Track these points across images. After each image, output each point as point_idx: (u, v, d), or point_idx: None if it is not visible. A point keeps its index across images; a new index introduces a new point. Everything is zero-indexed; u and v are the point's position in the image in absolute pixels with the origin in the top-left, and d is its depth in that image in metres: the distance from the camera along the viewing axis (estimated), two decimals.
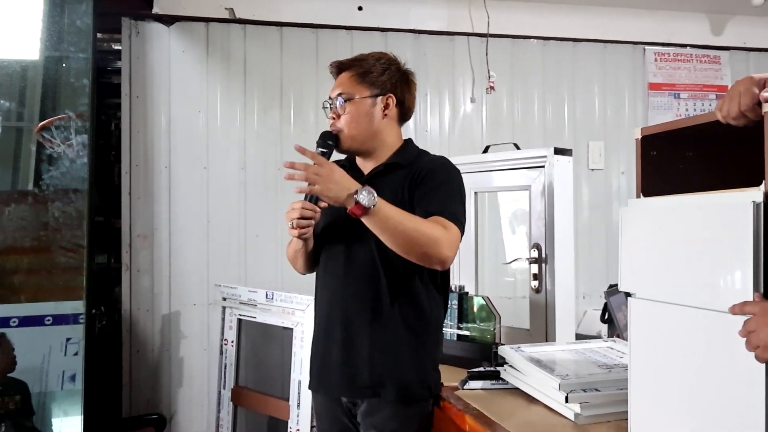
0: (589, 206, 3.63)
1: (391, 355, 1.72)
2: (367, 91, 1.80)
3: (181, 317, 3.21)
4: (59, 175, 2.97)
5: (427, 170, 1.78)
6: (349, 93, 1.79)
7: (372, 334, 1.73)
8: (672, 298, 1.26)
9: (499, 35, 3.52)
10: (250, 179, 3.29)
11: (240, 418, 2.91)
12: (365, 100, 1.79)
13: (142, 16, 3.21)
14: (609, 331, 2.34)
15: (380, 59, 1.84)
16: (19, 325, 2.88)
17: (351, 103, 1.78)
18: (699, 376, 1.19)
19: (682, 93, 3.74)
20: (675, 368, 1.25)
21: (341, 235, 1.79)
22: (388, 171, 1.81)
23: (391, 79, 1.83)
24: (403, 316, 1.74)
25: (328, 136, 1.79)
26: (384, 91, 1.81)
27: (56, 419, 2.94)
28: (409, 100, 1.88)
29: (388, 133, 1.84)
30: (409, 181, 1.76)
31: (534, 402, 1.67)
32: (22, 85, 3.16)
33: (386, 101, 1.82)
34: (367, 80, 1.80)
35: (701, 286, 1.19)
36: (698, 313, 1.19)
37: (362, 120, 1.79)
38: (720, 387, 1.14)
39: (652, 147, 1.40)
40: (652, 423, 1.32)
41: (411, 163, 1.81)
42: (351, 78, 1.81)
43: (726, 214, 1.13)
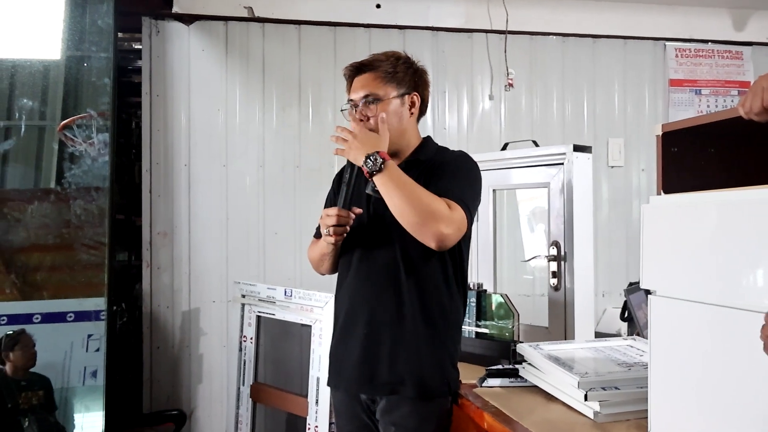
0: (609, 204, 3.61)
1: (410, 352, 1.73)
2: (395, 91, 1.78)
3: (201, 314, 3.24)
4: (81, 173, 3.01)
5: (445, 161, 1.79)
6: (376, 93, 1.77)
7: (392, 332, 1.74)
8: (694, 296, 1.24)
9: (517, 32, 3.50)
10: (269, 177, 3.31)
11: (259, 414, 2.93)
12: (394, 100, 1.79)
13: (162, 16, 3.23)
14: (629, 329, 2.32)
15: (399, 59, 1.83)
16: (41, 322, 2.92)
17: (381, 103, 1.77)
18: (720, 375, 1.18)
19: (704, 89, 3.70)
20: (696, 367, 1.24)
21: (363, 235, 1.79)
22: (409, 168, 1.80)
23: (413, 78, 1.83)
24: (422, 314, 1.74)
25: None
26: (409, 90, 1.81)
27: (78, 414, 2.98)
28: (426, 96, 1.88)
29: (412, 132, 1.85)
30: (429, 176, 1.76)
31: (553, 400, 1.66)
32: (44, 84, 3.21)
33: (412, 99, 1.82)
34: (393, 81, 1.78)
35: (724, 284, 1.17)
36: (721, 311, 1.17)
37: (393, 119, 1.78)
38: (741, 386, 1.13)
39: (673, 144, 1.39)
40: (672, 422, 1.31)
41: (430, 159, 1.81)
42: (376, 78, 1.78)
43: (750, 211, 1.12)
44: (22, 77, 3.15)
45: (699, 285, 1.24)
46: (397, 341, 1.73)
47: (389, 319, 1.74)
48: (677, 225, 1.30)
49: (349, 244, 1.82)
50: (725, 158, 1.39)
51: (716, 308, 1.19)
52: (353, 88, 1.81)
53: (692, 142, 1.39)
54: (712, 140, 1.39)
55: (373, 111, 1.77)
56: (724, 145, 1.38)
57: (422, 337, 1.73)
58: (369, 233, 1.78)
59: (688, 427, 1.26)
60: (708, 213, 1.22)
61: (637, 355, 1.78)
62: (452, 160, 1.80)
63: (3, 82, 3.15)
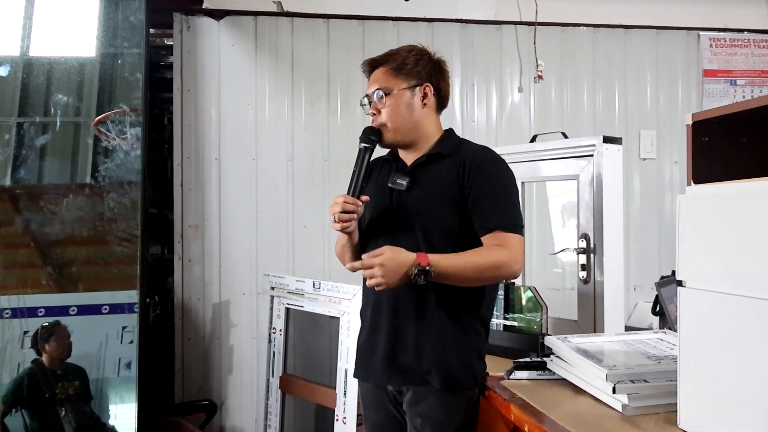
0: (640, 197, 3.55)
1: (438, 344, 1.73)
2: (404, 83, 1.80)
3: (231, 306, 3.28)
4: (114, 168, 3.06)
5: (473, 163, 1.77)
6: (386, 87, 1.79)
7: (419, 324, 1.74)
8: (726, 288, 1.22)
9: (547, 23, 3.47)
10: (298, 171, 3.33)
11: (288, 405, 2.96)
12: (404, 92, 1.80)
13: (192, 11, 3.27)
14: (660, 323, 2.30)
15: (411, 51, 1.84)
16: (77, 314, 2.99)
17: (390, 96, 1.79)
18: (752, 368, 1.16)
19: (739, 80, 3.62)
20: (727, 360, 1.22)
21: (387, 227, 1.81)
22: (431, 161, 1.81)
23: (426, 69, 1.82)
24: (449, 306, 1.74)
25: (370, 132, 1.81)
26: (421, 81, 1.81)
27: (112, 404, 3.04)
28: (444, 88, 1.88)
29: (429, 123, 1.85)
30: (456, 171, 1.76)
31: (581, 393, 1.65)
32: (79, 80, 3.27)
33: (424, 91, 1.82)
34: (402, 72, 1.80)
35: (757, 276, 1.15)
36: (753, 303, 1.16)
37: (403, 111, 1.79)
38: None
39: (704, 133, 1.36)
40: (701, 415, 1.29)
41: (454, 153, 1.81)
42: (386, 72, 1.81)
43: None
44: (58, 74, 3.22)
45: (731, 276, 1.22)
46: (423, 333, 1.74)
47: (414, 311, 1.74)
48: (713, 216, 1.28)
49: (372, 236, 1.83)
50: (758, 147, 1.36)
51: (749, 300, 1.17)
52: (369, 83, 1.85)
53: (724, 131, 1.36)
54: (744, 129, 1.36)
55: (383, 104, 1.79)
56: (757, 133, 1.35)
57: (447, 329, 1.74)
58: (393, 225, 1.79)
59: (718, 420, 1.25)
60: (743, 203, 1.20)
61: (667, 348, 1.76)
62: (482, 165, 1.77)
63: (40, 78, 3.22)
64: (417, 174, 1.81)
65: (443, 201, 1.76)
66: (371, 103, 1.82)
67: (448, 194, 1.75)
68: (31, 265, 3.05)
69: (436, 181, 1.78)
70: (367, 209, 1.79)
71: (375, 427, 1.89)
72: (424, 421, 1.73)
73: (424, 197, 1.77)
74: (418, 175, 1.81)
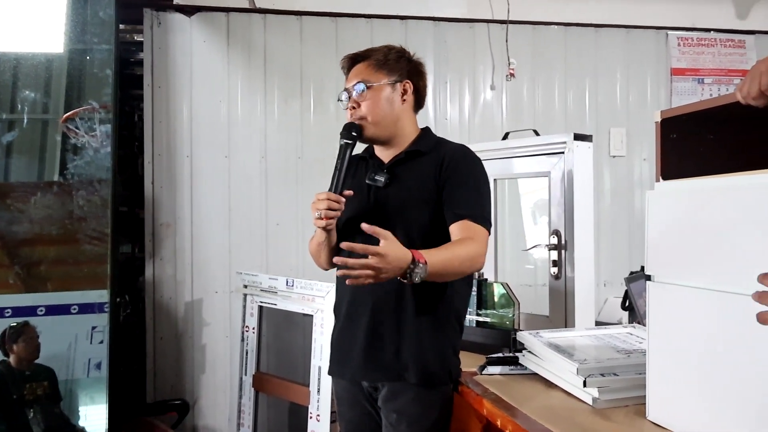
0: (611, 193, 3.60)
1: (416, 339, 1.74)
2: (386, 78, 1.82)
3: (204, 304, 3.25)
4: (84, 165, 3.01)
5: (452, 159, 1.79)
6: (368, 80, 1.80)
7: (396, 320, 1.75)
8: (693, 282, 1.25)
9: (519, 21, 3.50)
10: (271, 168, 3.31)
11: (261, 403, 2.94)
12: (385, 86, 1.81)
13: (163, 7, 3.23)
14: (630, 318, 2.33)
15: (392, 49, 1.87)
16: (46, 314, 2.94)
17: (371, 89, 1.80)
18: (719, 360, 1.18)
19: (707, 78, 3.69)
20: (694, 352, 1.25)
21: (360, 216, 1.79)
22: (409, 158, 1.82)
23: (406, 66, 1.86)
24: (427, 302, 1.75)
25: (351, 127, 1.80)
26: (401, 78, 1.83)
27: (83, 406, 2.99)
28: (422, 88, 1.91)
29: (407, 120, 1.87)
30: (435, 168, 1.78)
31: (552, 387, 1.67)
32: (47, 77, 3.21)
33: (404, 87, 1.84)
34: (385, 67, 1.82)
35: (723, 270, 1.18)
36: (720, 296, 1.18)
37: (384, 105, 1.81)
38: (739, 371, 1.14)
39: (673, 130, 1.39)
40: (670, 407, 1.32)
41: (432, 150, 1.83)
42: (368, 66, 1.83)
43: (754, 196, 1.12)
44: (25, 70, 3.15)
45: (698, 271, 1.24)
46: (400, 329, 1.74)
47: (392, 307, 1.75)
48: (681, 211, 1.30)
49: (349, 233, 1.82)
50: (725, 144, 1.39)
51: (715, 293, 1.19)
52: (348, 78, 1.86)
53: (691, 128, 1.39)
54: (712, 126, 1.39)
55: (364, 97, 1.80)
56: (724, 130, 1.38)
57: (424, 325, 1.75)
58: (370, 222, 1.78)
59: (686, 411, 1.27)
60: (709, 198, 1.22)
61: (636, 342, 1.79)
62: (460, 161, 1.80)
63: (6, 75, 3.15)
64: (395, 171, 1.82)
65: (422, 197, 1.77)
66: (350, 97, 1.82)
67: (426, 191, 1.76)
68: None
69: (415, 177, 1.79)
70: (345, 206, 1.78)
71: (350, 423, 1.89)
72: (400, 417, 1.74)
73: (404, 194, 1.78)
74: (396, 171, 1.82)
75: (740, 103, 1.17)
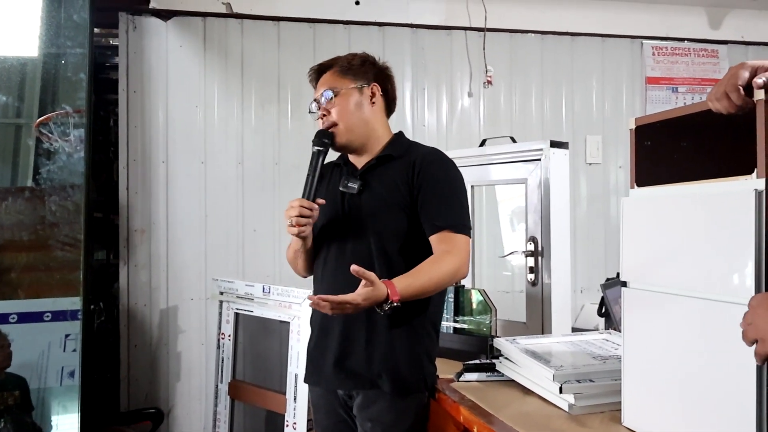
0: (587, 200, 3.63)
1: (388, 347, 1.73)
2: (352, 83, 1.83)
3: (179, 311, 3.22)
4: (57, 170, 2.97)
5: (423, 164, 1.78)
6: (334, 87, 1.82)
7: (369, 328, 1.74)
8: (667, 288, 1.26)
9: (496, 29, 3.52)
10: (248, 174, 3.29)
11: (237, 411, 2.91)
12: (352, 91, 1.83)
13: (139, 11, 3.21)
14: (606, 324, 2.34)
15: (356, 55, 1.89)
16: (18, 321, 2.88)
17: (339, 96, 1.81)
18: (693, 366, 1.19)
19: (680, 87, 3.74)
20: (669, 358, 1.25)
21: (338, 231, 1.81)
22: (381, 164, 1.82)
23: (371, 70, 1.88)
24: (399, 310, 1.73)
25: (322, 135, 1.81)
26: (368, 82, 1.85)
27: (55, 415, 2.94)
28: (391, 90, 1.92)
29: (378, 124, 1.87)
30: (406, 173, 1.78)
31: (529, 393, 1.67)
32: (20, 80, 3.16)
33: (371, 90, 1.85)
34: (349, 74, 1.84)
35: (698, 275, 1.19)
36: (694, 302, 1.19)
37: (353, 110, 1.82)
38: (713, 376, 1.14)
39: (647, 137, 1.40)
40: (644, 412, 1.33)
41: (404, 154, 1.83)
42: (333, 74, 1.85)
43: (726, 202, 1.13)
44: None
45: (672, 276, 1.25)
46: (373, 337, 1.74)
47: (365, 315, 1.73)
48: (655, 217, 1.31)
49: (324, 240, 1.83)
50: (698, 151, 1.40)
51: (689, 299, 1.20)
52: (317, 89, 1.89)
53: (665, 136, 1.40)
54: (685, 134, 1.40)
55: (333, 104, 1.81)
56: (697, 138, 1.39)
57: (398, 333, 1.74)
58: (344, 229, 1.80)
59: (662, 417, 1.28)
60: (683, 205, 1.24)
61: (612, 348, 1.80)
62: (431, 165, 1.79)
63: None
64: (368, 177, 1.82)
65: (394, 203, 1.76)
66: (319, 106, 1.84)
67: (399, 196, 1.76)
68: None
69: (387, 183, 1.79)
70: (320, 214, 1.77)
71: (326, 431, 1.88)
72: (374, 425, 1.73)
73: (376, 200, 1.78)
74: (369, 178, 1.82)
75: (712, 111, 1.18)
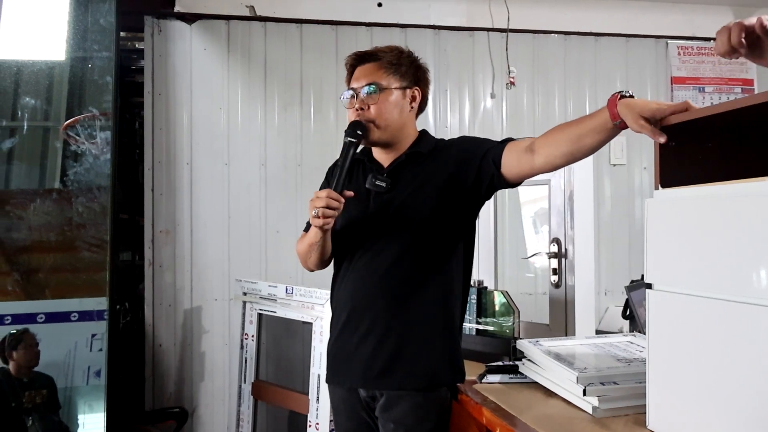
0: (611, 202, 3.60)
1: (412, 349, 1.72)
2: (397, 83, 1.77)
3: (203, 312, 3.25)
4: (84, 172, 3.02)
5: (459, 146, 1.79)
6: (379, 82, 1.74)
7: (394, 328, 1.73)
8: (693, 290, 1.24)
9: (519, 30, 3.50)
10: (271, 176, 3.31)
11: (260, 411, 2.93)
12: (396, 91, 1.77)
13: (164, 15, 3.24)
14: (630, 327, 2.32)
15: (402, 52, 1.81)
16: (45, 321, 2.93)
17: (382, 92, 1.75)
18: (719, 369, 1.18)
19: (707, 87, 3.69)
20: (695, 360, 1.24)
21: (365, 230, 1.77)
22: (410, 161, 1.80)
23: (417, 72, 1.81)
24: (425, 312, 1.73)
25: (357, 126, 1.73)
26: (411, 84, 1.79)
27: (81, 414, 2.98)
28: (427, 94, 1.87)
29: (411, 126, 1.84)
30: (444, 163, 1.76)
31: (552, 395, 1.66)
32: (48, 84, 3.22)
33: (413, 93, 1.80)
34: (398, 72, 1.77)
35: (725, 277, 1.17)
36: (720, 304, 1.17)
37: (394, 111, 1.76)
38: (740, 379, 1.13)
39: (672, 138, 1.38)
40: (670, 416, 1.31)
41: (432, 149, 1.80)
42: (378, 68, 1.76)
43: (754, 203, 1.11)
44: (26, 77, 3.16)
45: (698, 278, 1.23)
46: (400, 338, 1.72)
47: (392, 315, 1.72)
48: (680, 219, 1.29)
49: (349, 239, 1.80)
50: (724, 152, 1.38)
51: (715, 301, 1.18)
52: (355, 77, 1.79)
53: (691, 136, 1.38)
54: (710, 134, 1.38)
55: (374, 100, 1.74)
56: (723, 138, 1.37)
57: (424, 334, 1.73)
58: (371, 228, 1.76)
59: (687, 421, 1.26)
60: (709, 206, 1.22)
61: (636, 351, 1.78)
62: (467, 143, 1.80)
63: (7, 82, 3.16)
64: (396, 174, 1.78)
65: (424, 202, 1.73)
66: (356, 96, 1.76)
67: (435, 187, 1.73)
68: None
69: (419, 179, 1.75)
70: (343, 211, 1.70)
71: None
72: (397, 426, 1.72)
73: (406, 197, 1.74)
74: (397, 175, 1.78)
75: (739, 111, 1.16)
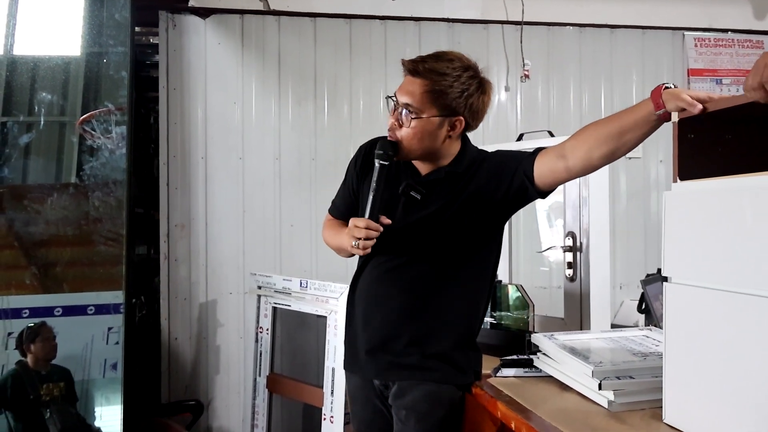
0: (627, 195, 3.57)
1: (427, 339, 1.73)
2: (437, 111, 1.66)
3: (218, 305, 3.27)
4: (99, 167, 3.04)
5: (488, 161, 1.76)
6: (417, 109, 1.66)
7: (411, 320, 1.74)
8: (711, 283, 1.23)
9: (534, 23, 3.48)
10: (285, 170, 3.32)
11: (275, 404, 2.95)
12: (433, 120, 1.67)
13: (178, 9, 3.25)
14: (646, 320, 2.30)
15: (461, 76, 1.67)
16: (62, 315, 2.96)
17: (418, 120, 1.66)
18: (737, 363, 1.17)
19: (725, 79, 3.65)
20: (712, 354, 1.23)
21: (392, 236, 1.73)
22: (448, 179, 1.75)
23: (467, 100, 1.69)
24: (444, 305, 1.74)
25: (389, 147, 1.68)
26: (455, 113, 1.69)
27: (98, 406, 3.01)
28: (481, 114, 1.76)
29: (449, 147, 1.76)
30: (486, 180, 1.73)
31: (567, 389, 1.65)
32: (64, 79, 3.24)
33: (454, 122, 1.70)
34: (440, 101, 1.66)
35: (743, 270, 1.16)
36: (738, 297, 1.16)
37: (425, 139, 1.69)
38: (758, 374, 1.12)
39: (690, 130, 1.37)
40: (687, 410, 1.30)
41: (468, 167, 1.75)
42: (423, 93, 1.66)
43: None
44: (42, 73, 3.19)
45: (716, 272, 1.22)
46: (414, 328, 1.73)
47: (412, 311, 1.73)
48: (698, 211, 1.28)
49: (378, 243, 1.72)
50: (742, 144, 1.37)
51: (733, 295, 1.17)
52: (402, 86, 1.70)
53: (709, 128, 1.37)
54: (729, 126, 1.37)
55: (408, 122, 1.67)
56: (741, 130, 1.36)
57: (442, 326, 1.74)
58: (400, 237, 1.75)
59: (704, 415, 1.25)
60: (727, 199, 1.21)
61: (652, 344, 1.77)
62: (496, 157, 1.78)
63: (24, 77, 3.19)
64: (432, 188, 1.75)
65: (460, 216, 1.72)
66: (396, 106, 1.70)
67: (466, 206, 1.71)
68: (16, 266, 3.02)
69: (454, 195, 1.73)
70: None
71: (362, 423, 1.89)
72: (408, 413, 1.73)
73: (440, 212, 1.72)
74: (432, 189, 1.75)
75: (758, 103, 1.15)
